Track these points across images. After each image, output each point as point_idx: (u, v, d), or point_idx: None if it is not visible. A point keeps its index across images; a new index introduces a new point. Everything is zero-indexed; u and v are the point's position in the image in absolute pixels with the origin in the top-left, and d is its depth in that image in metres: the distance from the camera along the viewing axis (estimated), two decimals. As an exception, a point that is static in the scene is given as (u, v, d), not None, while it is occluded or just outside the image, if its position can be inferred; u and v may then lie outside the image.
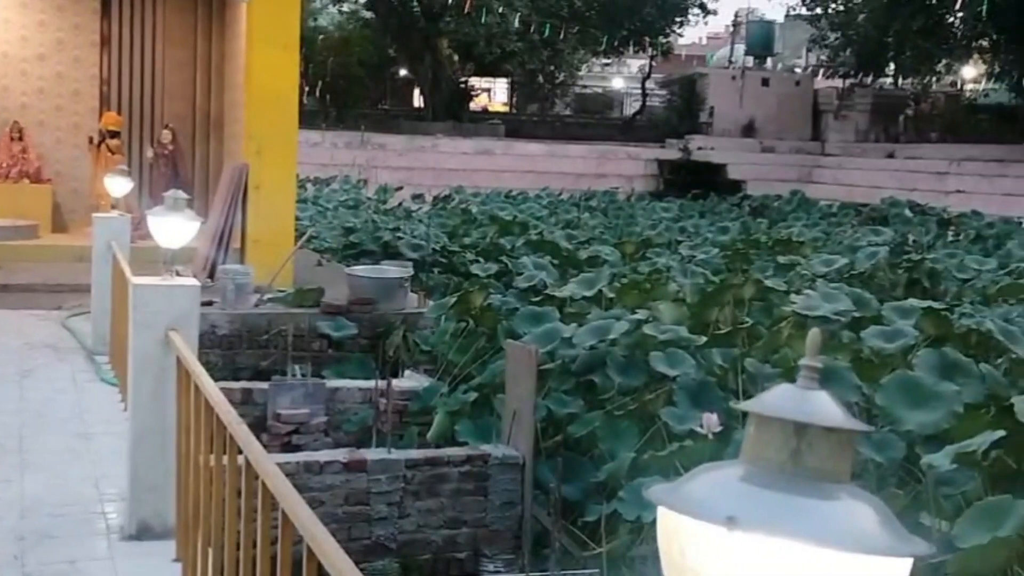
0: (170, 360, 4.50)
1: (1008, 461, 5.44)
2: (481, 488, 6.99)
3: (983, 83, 39.76)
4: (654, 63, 44.24)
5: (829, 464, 1.04)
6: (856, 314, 9.13)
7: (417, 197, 26.71)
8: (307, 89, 34.01)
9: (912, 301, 9.94)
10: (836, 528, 0.97)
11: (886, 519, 1.01)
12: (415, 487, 6.88)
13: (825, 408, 1.07)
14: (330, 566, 2.28)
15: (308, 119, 24.65)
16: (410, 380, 8.90)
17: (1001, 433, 5.05)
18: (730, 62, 45.20)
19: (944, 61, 39.35)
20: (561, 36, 38.63)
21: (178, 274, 4.93)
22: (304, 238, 12.70)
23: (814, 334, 1.15)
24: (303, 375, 8.68)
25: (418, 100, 41.65)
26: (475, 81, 42.85)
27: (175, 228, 5.20)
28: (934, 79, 40.46)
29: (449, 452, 7.17)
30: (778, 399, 1.09)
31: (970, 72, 42.37)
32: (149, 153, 14.38)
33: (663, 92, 43.52)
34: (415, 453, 7.16)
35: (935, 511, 5.37)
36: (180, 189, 5.66)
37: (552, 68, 42.01)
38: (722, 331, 8.17)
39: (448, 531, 6.96)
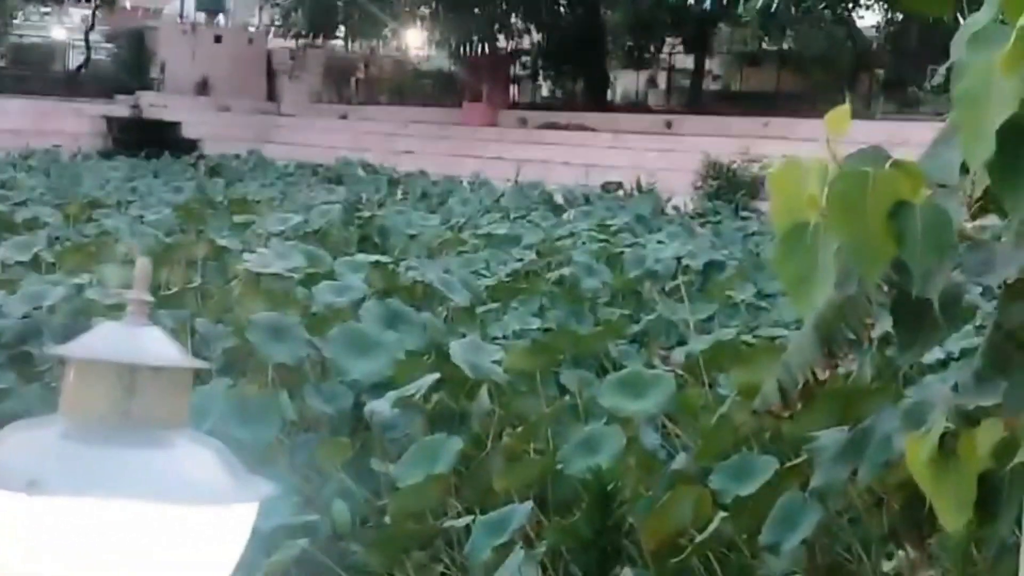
0: None
1: (447, 402, 5.79)
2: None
3: (426, 49, 42.09)
4: (98, 13, 41.86)
5: (162, 408, 0.94)
6: (310, 270, 9.27)
7: None
8: None
9: (361, 256, 10.28)
10: (168, 480, 0.88)
11: (227, 464, 0.93)
12: None
13: (156, 346, 0.96)
14: None
15: None
16: None
17: (437, 376, 5.34)
18: (181, 17, 43.91)
19: (391, 27, 41.08)
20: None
21: None
22: None
23: (143, 264, 1.04)
24: None
25: None
26: None
27: None
28: (382, 44, 42.14)
29: None
30: (101, 340, 0.97)
31: (414, 38, 44.65)
32: None
33: (110, 45, 41.36)
34: None
35: (382, 455, 5.58)
36: None
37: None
38: (170, 291, 7.91)
39: None
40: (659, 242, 14.12)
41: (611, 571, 3.21)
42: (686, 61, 34.11)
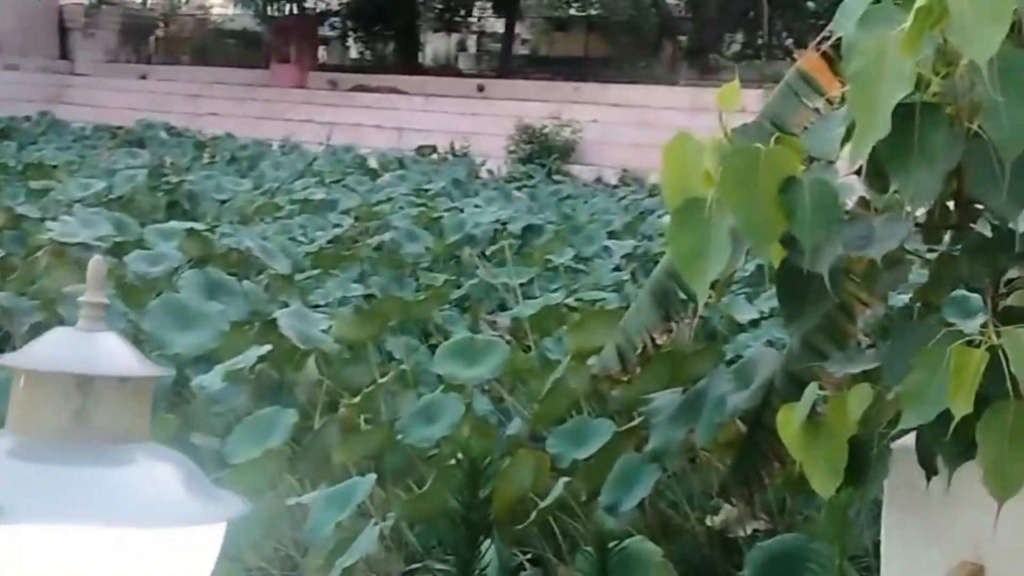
0: None
1: (272, 373, 5.65)
2: None
3: (230, 7, 40.81)
4: None
5: (123, 421, 0.85)
6: (118, 239, 8.88)
7: None
8: None
9: (174, 223, 9.92)
10: (128, 502, 0.79)
11: (193, 480, 0.84)
12: None
13: (113, 354, 0.87)
14: None
15: None
16: None
17: (268, 347, 5.20)
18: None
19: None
20: None
21: None
22: None
23: (96, 263, 0.93)
24: None
25: None
26: None
27: None
28: (183, 1, 40.65)
29: None
30: (53, 348, 0.86)
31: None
32: None
33: None
34: None
35: (207, 430, 5.41)
36: None
37: None
38: (-33, 264, 7.44)
39: None
40: (476, 206, 14.17)
41: (477, 544, 3.18)
42: (496, 25, 34.22)
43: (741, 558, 3.70)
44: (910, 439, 2.34)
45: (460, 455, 3.84)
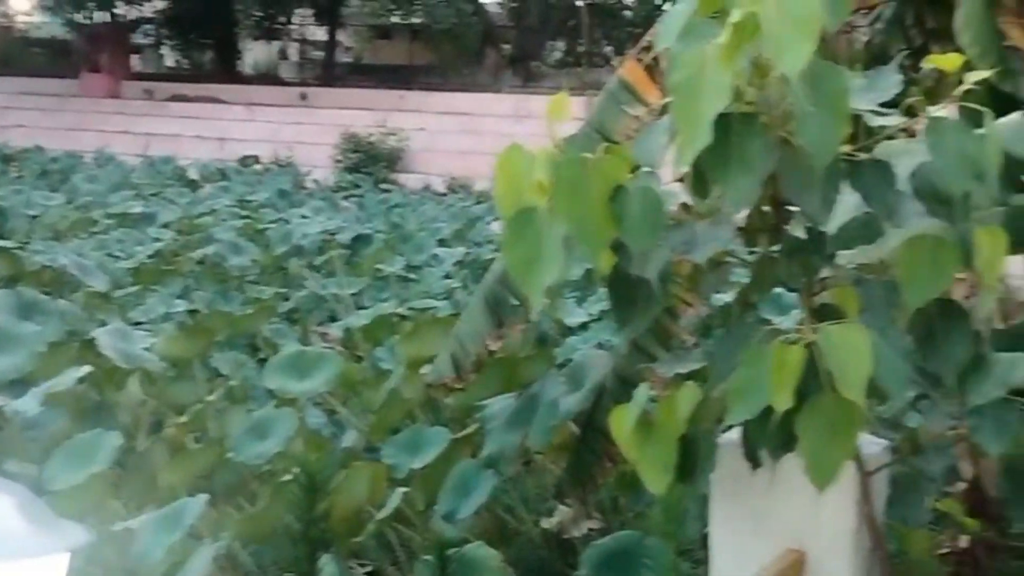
0: None
1: (93, 395, 5.44)
2: None
3: (36, 15, 39.09)
4: None
5: None
6: (-81, 258, 8.41)
7: None
8: None
9: (-20, 241, 9.46)
10: None
11: (31, 511, 0.81)
12: None
13: None
14: None
15: None
16: None
17: (87, 368, 5.02)
18: None
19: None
20: None
21: None
22: None
23: None
24: None
25: None
26: None
27: None
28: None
29: None
30: None
31: (22, 3, 41.35)
32: None
33: None
34: None
35: (23, 457, 5.17)
36: None
37: None
38: None
39: None
40: (303, 217, 13.98)
41: (316, 559, 3.14)
42: (318, 33, 33.81)
43: (577, 558, 3.76)
44: (736, 434, 2.43)
45: (296, 470, 3.80)
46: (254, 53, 34.55)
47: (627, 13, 26.99)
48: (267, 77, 32.49)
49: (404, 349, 4.94)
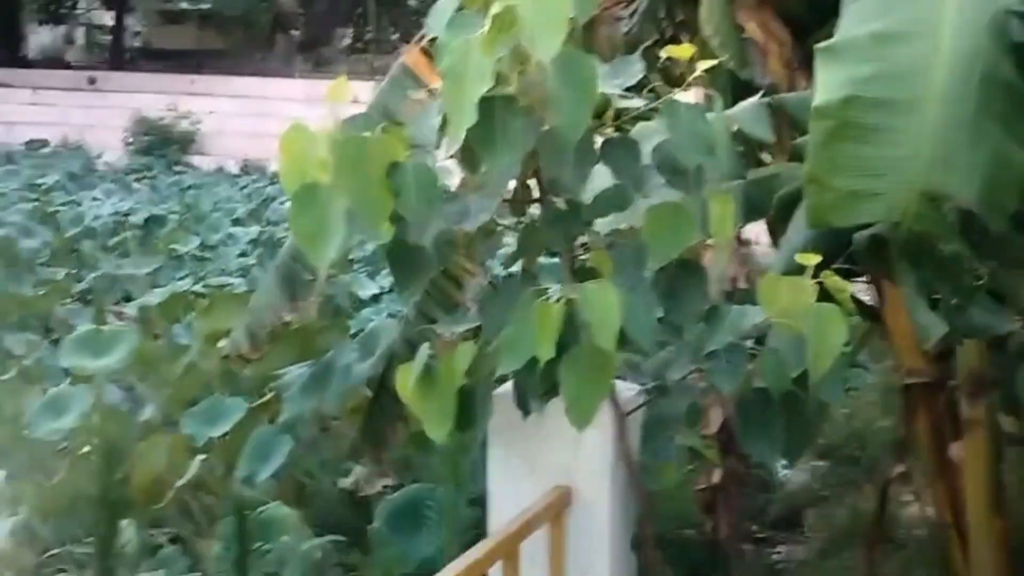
0: None
1: None
2: None
3: None
4: None
5: None
6: None
7: None
8: None
9: None
10: None
11: None
12: None
13: None
14: None
15: None
16: None
17: None
18: None
19: None
20: None
21: None
22: None
23: None
24: None
25: None
26: None
27: None
28: None
29: None
30: None
31: None
32: None
33: None
34: None
35: None
36: None
37: None
38: None
39: None
40: (95, 199, 13.66)
41: (116, 527, 3.26)
42: (105, 18, 32.58)
43: (372, 513, 4.00)
44: (510, 386, 2.71)
45: (95, 441, 3.90)
46: (39, 37, 33.06)
47: (412, 2, 27.17)
48: (54, 61, 31.17)
49: (201, 324, 5.06)
